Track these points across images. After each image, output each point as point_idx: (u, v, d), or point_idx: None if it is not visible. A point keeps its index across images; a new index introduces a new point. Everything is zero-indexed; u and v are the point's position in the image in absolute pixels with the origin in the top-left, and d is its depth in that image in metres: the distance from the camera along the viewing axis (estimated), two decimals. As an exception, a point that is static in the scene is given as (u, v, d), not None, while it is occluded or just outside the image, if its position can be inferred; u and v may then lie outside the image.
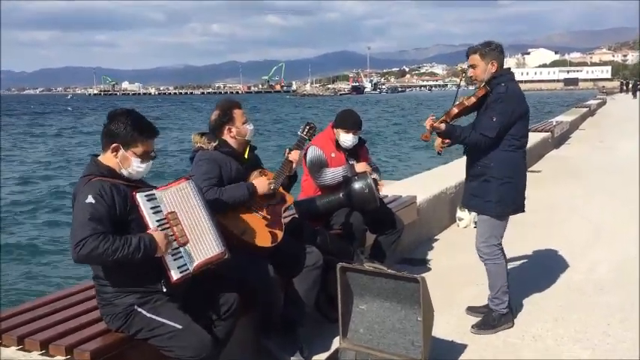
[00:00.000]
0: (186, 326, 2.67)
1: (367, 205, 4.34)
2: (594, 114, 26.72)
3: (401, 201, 5.69)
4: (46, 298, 3.13)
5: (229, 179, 3.47)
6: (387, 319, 3.37)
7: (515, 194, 3.94)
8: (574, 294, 4.62)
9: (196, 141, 3.58)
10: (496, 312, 4.01)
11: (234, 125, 3.58)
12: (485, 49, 3.85)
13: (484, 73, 3.85)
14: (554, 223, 6.91)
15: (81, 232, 2.50)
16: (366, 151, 4.79)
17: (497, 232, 3.98)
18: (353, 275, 3.40)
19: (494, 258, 3.97)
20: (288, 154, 3.73)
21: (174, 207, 2.76)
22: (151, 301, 2.71)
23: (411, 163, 20.25)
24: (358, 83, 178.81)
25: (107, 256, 2.51)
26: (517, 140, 3.85)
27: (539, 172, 10.80)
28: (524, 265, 5.28)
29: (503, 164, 3.85)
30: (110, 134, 2.73)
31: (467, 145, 3.93)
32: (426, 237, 6.29)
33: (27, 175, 19.91)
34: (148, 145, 2.77)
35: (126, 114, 2.76)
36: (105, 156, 2.76)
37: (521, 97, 3.88)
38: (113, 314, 2.71)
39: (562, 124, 15.92)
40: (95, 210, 2.54)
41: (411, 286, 3.22)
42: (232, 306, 2.97)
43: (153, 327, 2.66)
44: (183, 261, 2.71)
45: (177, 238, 2.71)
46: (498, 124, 3.75)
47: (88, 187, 2.61)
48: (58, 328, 2.70)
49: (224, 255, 2.85)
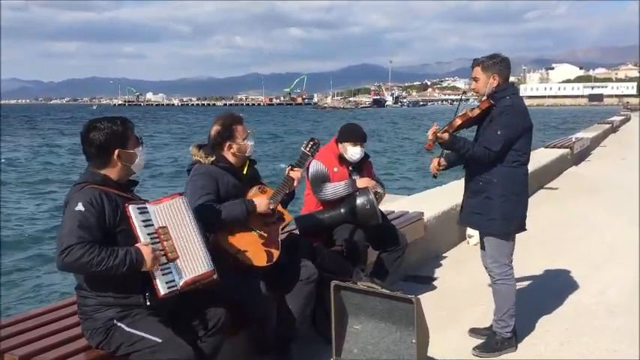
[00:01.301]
0: (166, 340, 2.61)
1: (368, 221, 4.27)
2: (617, 130, 26.26)
3: (407, 217, 5.59)
4: (28, 313, 3.09)
5: (226, 194, 3.41)
6: (381, 341, 3.28)
7: (519, 212, 3.82)
8: (582, 317, 4.46)
9: (194, 154, 3.53)
10: (499, 335, 3.88)
11: (235, 142, 3.52)
12: (487, 62, 3.74)
13: (485, 86, 3.74)
14: (566, 242, 6.73)
15: (68, 239, 2.47)
16: (370, 165, 4.72)
17: (506, 250, 3.85)
18: (347, 294, 3.32)
19: (505, 278, 3.85)
20: (290, 172, 3.66)
21: (166, 222, 2.72)
22: (130, 315, 2.65)
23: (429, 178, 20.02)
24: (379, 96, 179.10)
25: (91, 267, 2.47)
26: (520, 156, 3.73)
27: (557, 189, 10.60)
28: (532, 286, 5.13)
29: (506, 180, 3.73)
30: (102, 145, 2.69)
31: (469, 158, 3.78)
32: (434, 254, 6.17)
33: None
34: (133, 132, 2.79)
35: (95, 123, 2.72)
36: (103, 169, 2.73)
37: (526, 112, 3.79)
38: (93, 329, 2.67)
39: (582, 141, 15.62)
40: (84, 218, 2.52)
41: (405, 306, 3.13)
42: (219, 321, 2.90)
43: (133, 341, 2.61)
44: (171, 277, 2.66)
45: (167, 254, 2.67)
46: (503, 137, 3.64)
47: (80, 195, 2.59)
48: (39, 343, 2.67)
49: (213, 274, 2.79)
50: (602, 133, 21.37)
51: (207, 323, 2.90)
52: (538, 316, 4.43)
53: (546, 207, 8.76)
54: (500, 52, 3.85)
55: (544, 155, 12.22)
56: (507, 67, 3.78)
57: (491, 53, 3.85)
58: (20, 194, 18.36)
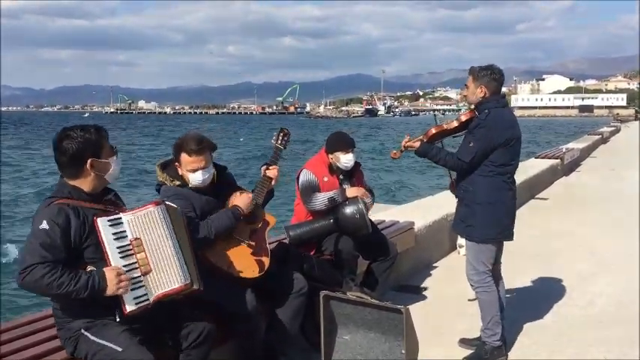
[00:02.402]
0: (126, 348, 2.55)
1: (358, 231, 4.25)
2: (607, 141, 26.46)
3: (398, 226, 5.60)
4: (13, 322, 3.06)
5: (202, 211, 3.32)
6: (370, 351, 3.27)
7: (496, 219, 3.81)
8: (571, 328, 4.47)
9: (158, 174, 3.40)
10: (488, 344, 3.88)
11: (181, 167, 3.35)
12: (478, 73, 3.79)
13: (473, 95, 3.80)
14: (556, 252, 6.75)
15: (30, 258, 2.44)
16: (362, 174, 4.72)
17: (483, 257, 3.86)
18: (336, 304, 3.31)
19: (484, 286, 3.87)
20: (265, 170, 3.58)
21: (140, 233, 2.65)
22: (97, 325, 2.62)
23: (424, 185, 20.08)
24: (372, 106, 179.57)
25: (51, 289, 2.44)
26: (497, 167, 3.75)
27: (547, 199, 10.66)
28: (522, 297, 5.13)
29: (483, 189, 3.77)
30: (74, 154, 2.63)
31: (443, 167, 3.93)
32: (425, 264, 6.17)
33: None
34: (107, 141, 2.73)
35: (68, 131, 2.66)
36: (75, 180, 2.67)
37: (507, 125, 3.77)
38: (66, 338, 2.66)
39: (572, 151, 15.72)
40: (47, 236, 2.47)
41: (394, 316, 3.13)
42: (203, 333, 2.85)
43: (96, 350, 2.58)
44: (144, 290, 2.61)
45: (140, 267, 2.62)
46: (475, 149, 3.69)
47: (45, 212, 2.55)
48: (23, 353, 2.64)
49: (188, 287, 2.70)
50: (592, 143, 21.52)
51: (191, 335, 2.84)
52: (528, 327, 4.44)
53: (536, 217, 8.79)
54: (494, 64, 3.85)
55: (534, 166, 12.28)
56: (497, 80, 3.79)
57: (488, 64, 3.86)
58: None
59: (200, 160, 3.28)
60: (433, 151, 3.87)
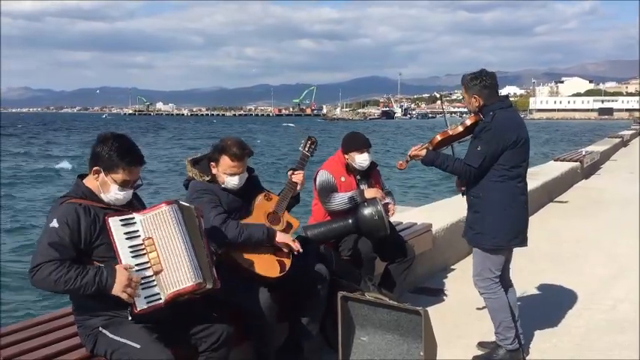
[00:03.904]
0: (144, 346, 2.56)
1: (377, 232, 4.24)
2: (627, 144, 26.09)
3: (415, 228, 5.56)
4: (30, 321, 3.08)
5: (229, 208, 3.40)
6: (388, 353, 3.25)
7: (508, 227, 3.71)
8: (593, 333, 4.40)
9: (188, 170, 3.49)
10: (502, 348, 3.83)
11: (217, 168, 3.43)
12: (468, 83, 3.71)
13: (469, 105, 3.74)
14: (576, 256, 6.65)
15: (39, 256, 2.48)
16: (378, 174, 4.70)
17: (490, 264, 3.78)
18: (354, 305, 3.29)
19: (489, 292, 3.81)
20: (292, 176, 3.65)
21: (152, 232, 2.67)
22: (115, 322, 2.64)
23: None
24: (388, 108, 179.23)
25: (59, 285, 2.47)
26: (507, 170, 3.65)
27: (566, 202, 10.54)
28: (542, 301, 5.07)
29: (493, 195, 3.67)
30: (94, 156, 2.69)
31: (452, 174, 3.85)
32: (442, 266, 6.12)
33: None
34: (129, 172, 2.68)
35: (113, 139, 2.69)
36: (89, 178, 2.73)
37: (513, 126, 3.68)
38: (85, 335, 2.68)
39: (592, 154, 15.53)
40: (57, 235, 2.51)
41: (413, 318, 3.10)
42: (222, 336, 2.84)
43: (115, 348, 2.59)
44: (156, 289, 2.62)
45: (152, 266, 2.63)
46: (483, 153, 3.61)
47: (56, 211, 2.58)
48: (42, 351, 2.66)
49: (201, 286, 2.69)
50: (612, 146, 21.24)
51: (210, 337, 2.83)
52: (547, 331, 4.38)
53: (556, 220, 8.70)
54: (484, 69, 3.76)
55: (554, 168, 12.14)
56: (489, 86, 3.69)
57: (478, 70, 3.76)
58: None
59: (240, 166, 3.40)
60: (440, 158, 3.77)
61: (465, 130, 3.81)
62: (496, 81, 3.73)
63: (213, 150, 3.45)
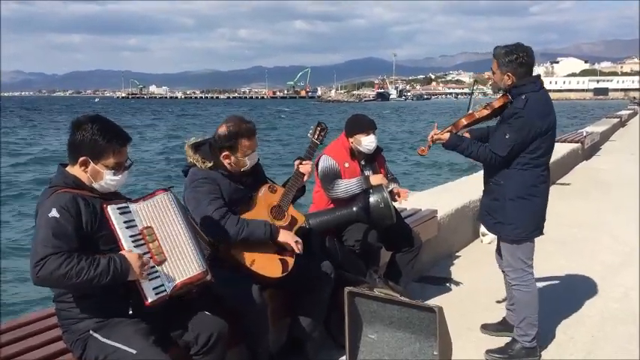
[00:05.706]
0: (140, 350, 2.35)
1: (383, 220, 4.01)
2: (625, 125, 25.93)
3: (420, 215, 5.34)
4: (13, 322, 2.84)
5: (230, 199, 3.18)
6: (399, 352, 3.04)
7: (529, 217, 3.49)
8: (608, 323, 4.22)
9: (189, 155, 3.24)
10: (519, 343, 3.63)
11: (235, 155, 3.21)
12: (503, 59, 3.40)
13: (500, 82, 3.45)
14: (581, 241, 6.46)
15: (42, 249, 2.22)
16: (383, 159, 4.46)
17: (520, 254, 3.56)
18: (362, 301, 3.08)
19: (522, 284, 3.57)
20: (299, 166, 3.41)
21: (151, 221, 2.48)
22: (108, 325, 2.43)
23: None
24: (383, 90, 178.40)
25: (70, 279, 2.22)
26: (534, 159, 3.41)
27: (569, 184, 10.34)
28: (552, 288, 4.87)
29: (515, 184, 3.43)
30: (76, 146, 2.45)
31: (475, 160, 3.55)
32: (447, 253, 5.92)
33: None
34: (119, 154, 2.47)
35: (90, 121, 2.45)
36: (73, 168, 2.48)
37: (545, 112, 3.41)
38: (73, 340, 2.46)
39: (592, 135, 15.34)
40: (59, 225, 2.27)
41: (426, 315, 2.90)
42: (212, 337, 2.63)
43: (107, 353, 2.38)
44: (160, 281, 2.43)
45: (154, 256, 2.43)
46: (512, 142, 3.34)
47: (53, 200, 2.34)
48: (26, 356, 2.45)
49: (205, 275, 2.54)
50: (611, 127, 21.06)
51: (200, 337, 2.62)
52: (562, 322, 4.18)
53: (560, 204, 8.47)
54: (520, 44, 3.44)
55: (555, 150, 11.90)
56: (526, 63, 3.39)
57: (514, 44, 3.45)
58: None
59: (256, 140, 3.27)
60: (464, 143, 3.51)
61: (492, 112, 3.54)
62: (533, 58, 3.42)
63: (224, 139, 3.18)
